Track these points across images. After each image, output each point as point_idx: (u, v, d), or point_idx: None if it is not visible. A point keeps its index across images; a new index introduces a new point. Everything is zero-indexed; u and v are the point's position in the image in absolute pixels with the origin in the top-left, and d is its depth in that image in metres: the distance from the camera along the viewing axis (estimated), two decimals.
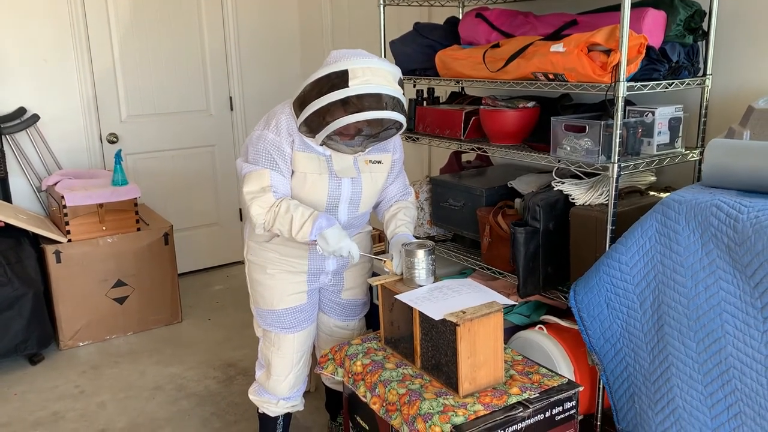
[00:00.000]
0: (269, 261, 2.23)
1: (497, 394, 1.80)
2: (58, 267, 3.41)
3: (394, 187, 2.32)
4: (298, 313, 2.27)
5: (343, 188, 2.12)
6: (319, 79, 1.94)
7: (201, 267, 4.68)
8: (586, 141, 2.07)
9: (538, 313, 2.41)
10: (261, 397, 2.38)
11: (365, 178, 2.16)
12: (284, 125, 2.05)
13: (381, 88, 1.91)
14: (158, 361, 3.39)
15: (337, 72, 1.91)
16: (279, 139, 2.04)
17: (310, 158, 2.07)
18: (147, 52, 4.19)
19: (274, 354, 2.30)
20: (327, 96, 1.90)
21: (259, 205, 2.04)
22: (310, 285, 2.27)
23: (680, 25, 2.11)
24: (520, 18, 2.47)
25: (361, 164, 2.15)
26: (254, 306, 2.34)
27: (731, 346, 1.62)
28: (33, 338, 3.28)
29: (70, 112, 3.98)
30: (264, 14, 4.56)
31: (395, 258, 2.07)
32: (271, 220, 2.03)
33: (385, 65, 1.96)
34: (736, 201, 1.61)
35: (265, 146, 2.05)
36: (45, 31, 3.82)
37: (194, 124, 4.46)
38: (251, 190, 2.05)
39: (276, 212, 2.02)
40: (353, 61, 1.91)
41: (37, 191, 3.92)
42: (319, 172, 2.09)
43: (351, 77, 1.89)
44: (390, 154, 2.22)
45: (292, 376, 2.33)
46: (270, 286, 2.24)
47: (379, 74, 1.92)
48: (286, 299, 2.24)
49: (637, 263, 1.84)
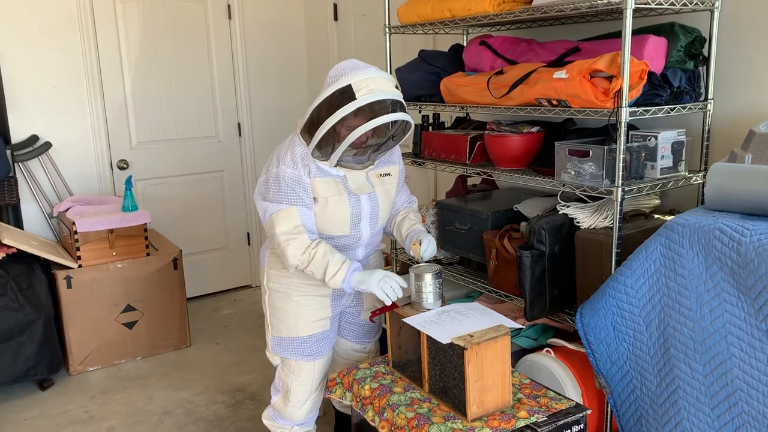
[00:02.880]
0: (294, 287, 2.24)
1: (505, 417, 1.81)
2: (69, 292, 3.44)
3: (400, 197, 2.39)
4: (322, 340, 2.28)
5: (362, 205, 2.18)
6: (326, 99, 2.01)
7: (209, 291, 4.70)
8: (589, 165, 2.09)
9: (545, 336, 2.41)
10: (275, 423, 2.39)
11: (379, 192, 2.22)
12: (299, 157, 2.09)
13: (385, 94, 2.00)
14: (167, 385, 3.40)
15: (341, 89, 1.99)
16: (297, 172, 2.08)
17: (328, 182, 2.12)
18: (157, 80, 4.26)
19: (293, 381, 2.30)
20: (338, 112, 1.97)
21: (296, 247, 2.06)
22: (333, 310, 2.29)
23: (681, 51, 2.14)
24: (523, 45, 2.52)
25: (373, 179, 2.21)
26: (274, 334, 2.31)
27: (737, 368, 1.62)
28: (43, 363, 3.30)
29: (81, 139, 4.03)
30: (272, 42, 4.64)
31: (423, 243, 2.15)
32: (306, 262, 2.07)
33: (381, 73, 2.04)
34: (739, 224, 1.62)
35: (287, 183, 2.08)
36: (57, 59, 3.89)
37: (203, 150, 4.51)
38: (285, 230, 2.07)
39: (312, 255, 2.06)
40: (354, 75, 2.00)
41: (49, 217, 3.97)
42: (339, 193, 2.13)
43: (356, 89, 1.97)
44: (396, 166, 2.30)
45: (310, 402, 2.34)
46: (295, 313, 2.24)
47: (380, 82, 2.01)
48: (311, 326, 2.25)
49: (643, 286, 1.86)
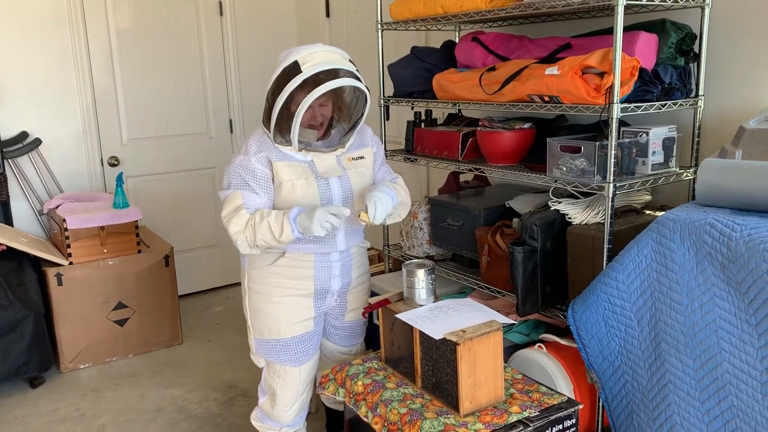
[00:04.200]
0: (275, 287, 2.20)
1: (498, 413, 1.82)
2: (60, 290, 3.42)
3: (380, 174, 2.34)
4: (306, 341, 2.25)
5: (332, 188, 2.15)
6: (275, 80, 2.03)
7: (201, 288, 4.69)
8: (581, 161, 2.10)
9: (537, 331, 2.42)
10: (264, 424, 2.37)
11: (352, 175, 2.19)
12: (254, 145, 2.12)
13: (333, 64, 2.00)
14: (159, 383, 3.39)
15: (288, 66, 2.01)
16: (247, 158, 2.10)
17: (292, 166, 2.12)
18: (148, 76, 4.24)
19: (279, 385, 2.28)
20: (286, 88, 1.98)
21: (236, 224, 2.07)
22: (316, 310, 2.26)
23: (672, 47, 2.15)
24: (515, 42, 2.52)
25: (345, 163, 2.19)
26: (257, 336, 2.27)
27: (727, 362, 1.63)
28: (34, 361, 3.28)
29: (72, 135, 4.01)
30: (263, 38, 4.62)
31: (369, 208, 2.05)
32: (251, 235, 2.05)
33: (330, 48, 2.05)
34: (730, 219, 1.63)
35: (234, 169, 2.11)
36: (47, 56, 3.86)
37: (195, 146, 4.50)
38: (226, 213, 2.09)
39: (253, 225, 2.05)
40: (300, 51, 2.02)
41: (39, 214, 3.94)
42: (305, 176, 2.12)
43: (302, 63, 1.99)
44: (370, 148, 2.28)
45: (297, 405, 2.33)
46: (276, 315, 2.21)
47: (327, 55, 2.02)
48: (294, 327, 2.22)
49: (634, 281, 1.87)
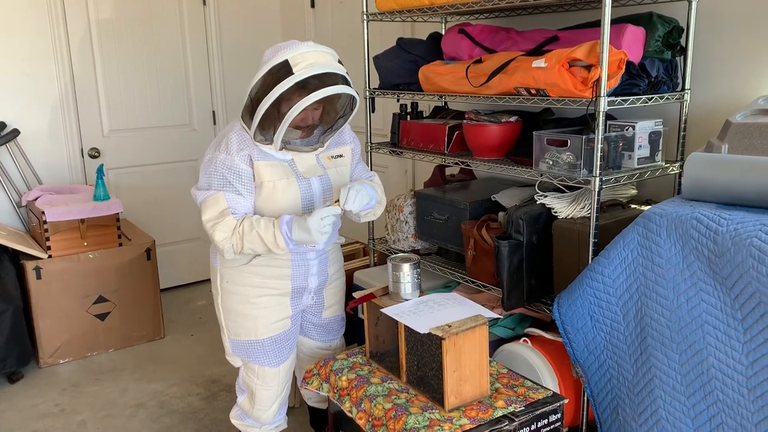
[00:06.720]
0: (251, 287, 2.14)
1: (483, 407, 1.81)
2: (39, 283, 3.36)
3: (356, 171, 2.29)
4: (282, 341, 2.21)
5: (313, 188, 2.10)
6: (263, 78, 1.91)
7: (183, 282, 4.64)
8: (567, 155, 2.09)
9: (523, 325, 2.42)
10: (244, 422, 2.35)
11: (332, 174, 2.15)
12: (235, 142, 2.01)
13: (325, 67, 1.91)
14: (140, 377, 3.35)
15: (278, 65, 1.89)
16: (230, 157, 1.99)
17: (273, 165, 2.04)
18: (129, 67, 4.17)
19: (258, 386, 2.24)
20: (276, 88, 1.87)
21: (222, 231, 1.98)
22: (294, 309, 2.22)
23: (659, 41, 2.14)
24: (502, 34, 2.50)
25: (324, 162, 2.14)
26: (232, 337, 2.21)
27: (713, 357, 1.63)
28: (12, 356, 3.22)
29: (51, 126, 3.93)
30: (247, 28, 4.57)
31: (342, 193, 1.99)
32: (239, 242, 1.98)
33: (321, 47, 1.95)
34: (716, 214, 1.63)
35: (216, 168, 2.00)
36: (26, 45, 3.78)
37: (177, 138, 4.43)
38: (210, 217, 2.00)
39: (241, 233, 1.97)
40: (290, 50, 1.91)
41: (17, 207, 3.87)
42: (287, 177, 2.05)
43: (293, 64, 1.88)
44: (349, 146, 2.23)
45: (277, 404, 2.30)
46: (253, 316, 2.15)
47: (319, 55, 1.92)
48: (271, 327, 2.17)
49: (620, 276, 1.86)
